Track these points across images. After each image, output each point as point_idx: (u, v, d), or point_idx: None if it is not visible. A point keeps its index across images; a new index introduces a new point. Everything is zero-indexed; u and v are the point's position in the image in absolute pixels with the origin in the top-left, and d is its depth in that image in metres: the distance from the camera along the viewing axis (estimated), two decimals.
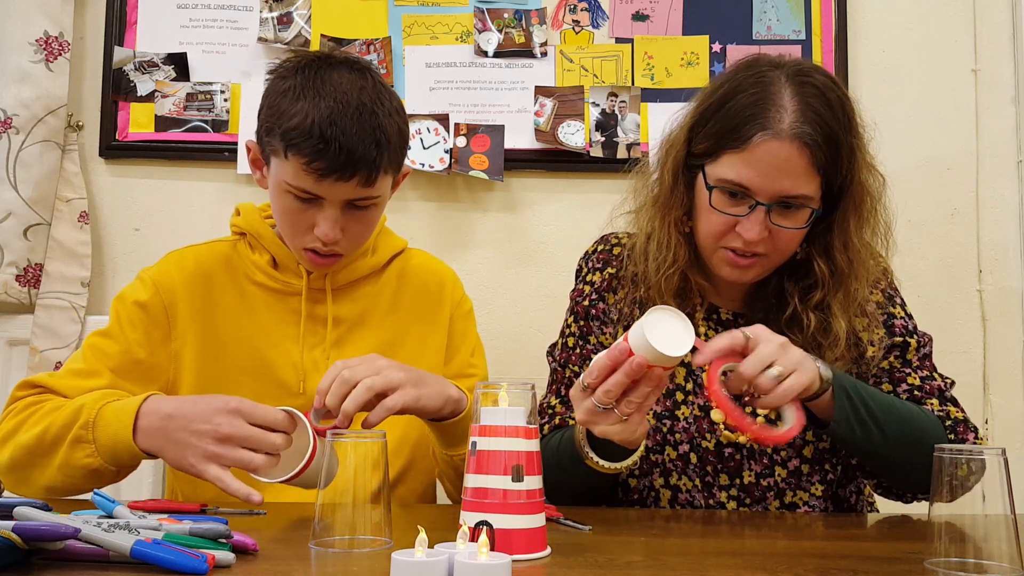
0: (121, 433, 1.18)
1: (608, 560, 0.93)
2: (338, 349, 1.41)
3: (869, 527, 1.19)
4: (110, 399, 1.23)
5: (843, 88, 1.28)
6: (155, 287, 1.39)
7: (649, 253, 1.36)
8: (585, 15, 2.28)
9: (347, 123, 1.25)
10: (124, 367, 1.34)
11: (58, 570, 0.83)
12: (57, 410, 1.24)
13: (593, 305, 1.43)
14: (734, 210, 1.25)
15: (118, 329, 1.36)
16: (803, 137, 1.20)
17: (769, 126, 1.21)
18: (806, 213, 1.25)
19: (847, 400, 1.19)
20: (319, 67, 1.31)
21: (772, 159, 1.21)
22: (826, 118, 1.22)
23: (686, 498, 1.34)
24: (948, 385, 1.36)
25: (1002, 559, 0.88)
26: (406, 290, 1.49)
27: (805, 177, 1.22)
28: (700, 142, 1.29)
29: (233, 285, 1.41)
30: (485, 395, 0.96)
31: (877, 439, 1.20)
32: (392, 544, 0.93)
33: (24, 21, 2.18)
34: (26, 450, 1.23)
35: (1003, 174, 2.27)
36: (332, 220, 1.30)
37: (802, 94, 1.23)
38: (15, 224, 2.16)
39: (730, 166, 1.24)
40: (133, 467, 1.25)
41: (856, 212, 1.29)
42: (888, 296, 1.40)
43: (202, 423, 1.14)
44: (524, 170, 2.26)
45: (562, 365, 1.44)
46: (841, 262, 1.30)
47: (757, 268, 1.30)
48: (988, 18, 2.29)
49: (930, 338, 1.39)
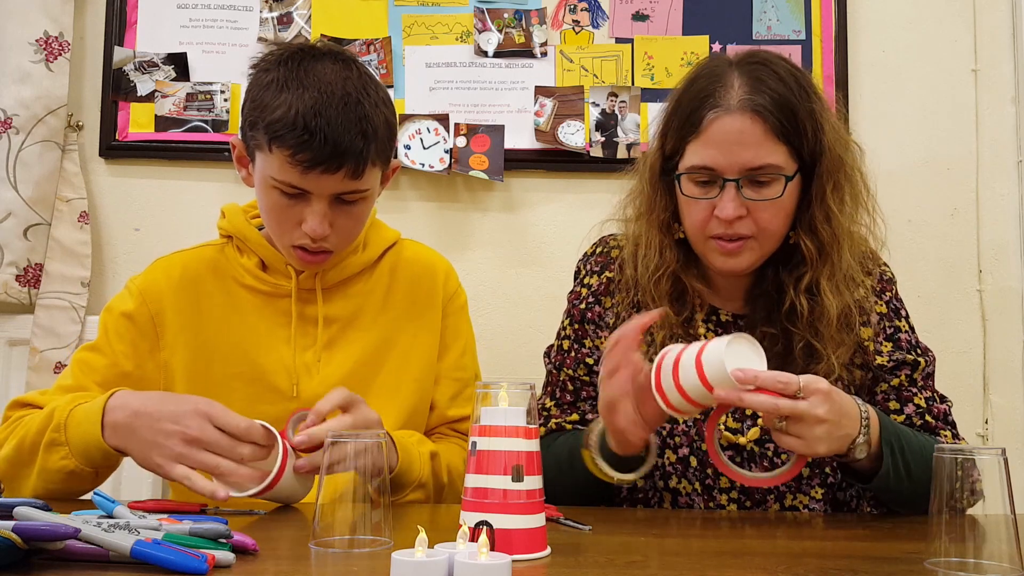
0: (91, 431, 1.17)
1: (608, 560, 0.93)
2: (329, 351, 1.39)
3: (869, 527, 1.19)
4: (80, 400, 1.22)
5: (798, 67, 1.30)
6: (142, 297, 1.37)
7: (638, 259, 1.37)
8: (585, 15, 2.28)
9: (332, 113, 1.22)
10: (111, 380, 1.32)
11: (58, 570, 0.83)
12: (32, 419, 1.23)
13: (589, 308, 1.43)
14: (707, 195, 1.27)
15: (105, 342, 1.36)
16: (752, 106, 1.23)
17: (719, 103, 1.24)
18: (779, 183, 1.26)
19: (891, 460, 1.19)
20: (302, 58, 1.28)
21: (726, 134, 1.24)
22: (775, 88, 1.24)
23: (686, 501, 1.34)
24: (949, 408, 1.37)
25: (1002, 559, 0.88)
26: (399, 285, 1.46)
27: (766, 146, 1.24)
28: (668, 142, 1.31)
29: (222, 289, 1.40)
30: (485, 395, 0.96)
31: (906, 486, 1.21)
32: (392, 544, 0.93)
33: (24, 21, 2.18)
34: (8, 462, 1.23)
35: (1003, 174, 2.27)
36: (320, 215, 1.28)
37: (749, 72, 1.26)
38: (15, 224, 2.16)
39: (693, 152, 1.27)
40: (110, 467, 1.25)
41: (831, 179, 1.30)
42: (894, 309, 1.39)
43: (170, 423, 1.13)
44: (524, 170, 2.26)
45: (557, 368, 1.44)
46: (825, 235, 1.30)
47: (748, 253, 1.29)
48: (988, 18, 2.29)
49: (934, 356, 1.39)
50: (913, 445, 1.22)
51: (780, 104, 1.24)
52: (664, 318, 1.33)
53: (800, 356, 1.29)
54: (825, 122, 1.28)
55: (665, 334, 1.33)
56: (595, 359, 1.41)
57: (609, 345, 1.16)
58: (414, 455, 1.29)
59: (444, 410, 1.45)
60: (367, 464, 1.00)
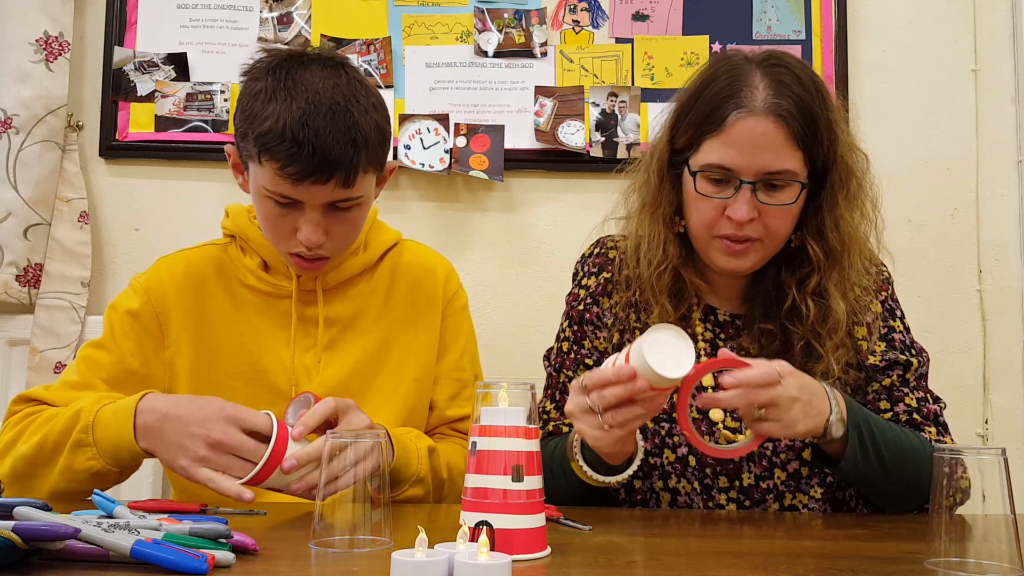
0: (122, 434, 1.18)
1: (608, 560, 0.93)
2: (330, 352, 1.39)
3: (869, 527, 1.19)
4: (106, 401, 1.23)
5: (814, 71, 1.31)
6: (146, 295, 1.38)
7: (640, 253, 1.36)
8: (585, 15, 2.28)
9: (320, 124, 1.21)
10: (118, 378, 1.33)
11: (58, 570, 0.83)
12: (55, 417, 1.23)
13: (588, 309, 1.43)
14: (721, 194, 1.27)
15: (111, 339, 1.36)
16: (777, 110, 1.23)
17: (743, 104, 1.24)
18: (794, 189, 1.26)
19: (859, 441, 1.19)
20: (291, 66, 1.27)
21: (750, 135, 1.23)
22: (798, 93, 1.24)
23: (685, 501, 1.34)
24: (941, 409, 1.36)
25: (1002, 559, 0.88)
26: (398, 287, 1.46)
27: (785, 151, 1.24)
28: (681, 136, 1.31)
29: (224, 289, 1.40)
30: (485, 395, 0.96)
31: (878, 473, 1.21)
32: (392, 544, 0.93)
33: (24, 21, 2.18)
34: (26, 460, 1.23)
35: (1003, 174, 2.27)
36: (314, 224, 1.27)
37: (773, 74, 1.26)
38: (15, 224, 2.16)
39: (711, 150, 1.26)
40: (135, 467, 1.25)
41: (843, 188, 1.30)
42: (889, 308, 1.39)
43: (196, 426, 1.14)
44: (524, 170, 2.26)
45: (556, 370, 1.44)
46: (834, 241, 1.30)
47: (752, 255, 1.30)
48: (988, 18, 2.29)
49: (928, 357, 1.39)
50: (887, 434, 1.22)
51: (802, 110, 1.24)
52: (661, 315, 1.33)
53: (799, 355, 1.29)
54: (840, 131, 1.29)
55: None
56: (594, 360, 1.41)
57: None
58: (411, 450, 1.29)
59: (444, 410, 1.45)
60: (367, 465, 1.00)
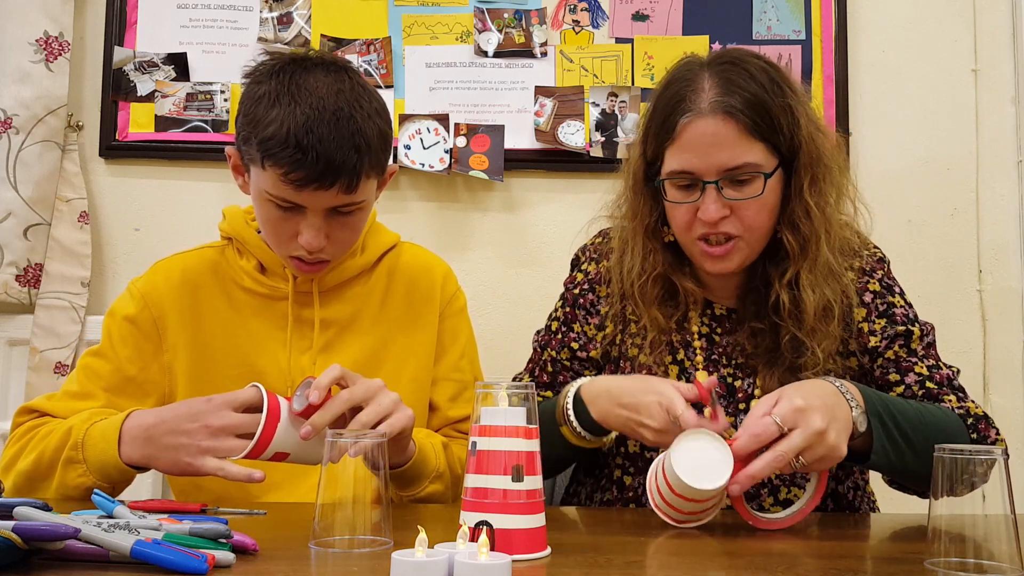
0: (108, 451, 1.19)
1: (608, 560, 0.93)
2: (326, 354, 1.39)
3: (869, 527, 1.19)
4: (97, 419, 1.24)
5: (771, 62, 1.30)
6: (143, 300, 1.38)
7: (624, 264, 1.38)
8: (585, 15, 2.28)
9: (324, 130, 1.21)
10: (117, 385, 1.34)
11: (58, 570, 0.83)
12: (51, 434, 1.25)
13: (583, 295, 1.45)
14: (690, 198, 1.28)
15: (109, 347, 1.36)
16: (723, 107, 1.24)
17: (691, 108, 1.25)
18: (759, 181, 1.26)
19: (883, 430, 1.18)
20: (294, 71, 1.26)
21: (700, 137, 1.25)
22: (746, 87, 1.25)
23: None
24: (955, 373, 1.36)
25: (1002, 559, 0.88)
26: (396, 289, 1.46)
27: (741, 146, 1.24)
28: (649, 148, 1.32)
29: (221, 292, 1.40)
30: (485, 395, 0.96)
31: (909, 458, 1.19)
32: (392, 544, 0.93)
33: (24, 21, 2.18)
34: (26, 476, 1.25)
35: (1003, 174, 2.27)
36: (315, 228, 1.27)
37: (720, 72, 1.27)
38: (15, 224, 2.16)
39: (671, 157, 1.28)
40: (126, 483, 1.26)
41: (808, 173, 1.30)
42: (886, 286, 1.39)
43: (189, 422, 1.14)
44: (524, 170, 2.26)
45: (541, 347, 1.48)
46: (805, 229, 1.30)
47: (736, 254, 1.30)
48: (988, 18, 2.29)
49: (932, 327, 1.39)
50: (908, 413, 1.21)
51: (752, 103, 1.24)
52: (650, 324, 1.35)
53: (787, 349, 1.30)
54: (801, 116, 1.28)
55: (655, 336, 1.35)
56: (580, 344, 1.43)
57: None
58: (427, 445, 1.29)
59: (445, 411, 1.45)
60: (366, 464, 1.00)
